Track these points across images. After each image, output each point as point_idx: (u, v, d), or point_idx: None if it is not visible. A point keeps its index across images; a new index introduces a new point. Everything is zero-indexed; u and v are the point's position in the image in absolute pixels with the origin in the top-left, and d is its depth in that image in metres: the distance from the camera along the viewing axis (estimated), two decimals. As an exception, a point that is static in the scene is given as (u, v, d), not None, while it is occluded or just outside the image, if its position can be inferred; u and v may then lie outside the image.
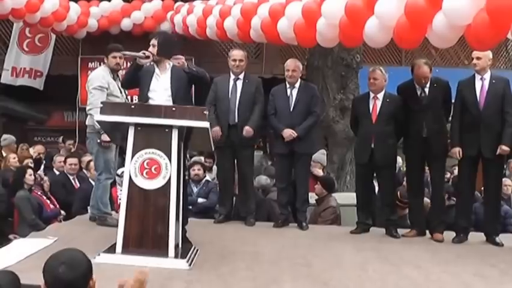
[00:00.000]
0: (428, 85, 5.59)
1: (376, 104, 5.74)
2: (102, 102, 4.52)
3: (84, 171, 7.39)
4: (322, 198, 6.46)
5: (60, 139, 10.54)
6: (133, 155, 4.20)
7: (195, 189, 6.79)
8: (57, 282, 2.25)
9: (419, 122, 5.55)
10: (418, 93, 5.60)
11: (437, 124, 5.57)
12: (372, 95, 5.80)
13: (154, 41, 4.76)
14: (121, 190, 6.23)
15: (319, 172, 6.99)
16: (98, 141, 5.49)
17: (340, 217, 6.35)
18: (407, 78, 5.82)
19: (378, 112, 5.71)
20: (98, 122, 4.58)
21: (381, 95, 5.76)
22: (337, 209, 6.35)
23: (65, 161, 7.35)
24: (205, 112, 4.22)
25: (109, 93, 5.51)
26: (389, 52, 11.81)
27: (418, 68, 5.58)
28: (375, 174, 5.98)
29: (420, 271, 4.31)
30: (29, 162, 7.37)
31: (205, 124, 4.20)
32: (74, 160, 7.28)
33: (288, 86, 6.02)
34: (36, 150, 8.76)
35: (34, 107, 12.46)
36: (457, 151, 5.42)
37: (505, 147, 5.26)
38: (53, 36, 11.02)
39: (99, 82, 5.51)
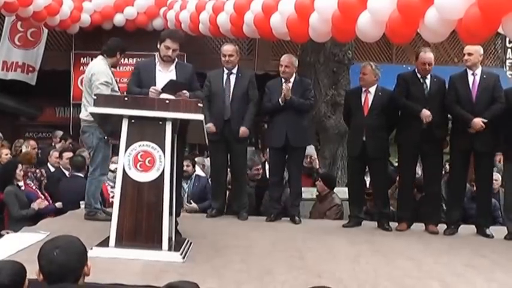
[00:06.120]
0: (429, 78, 5.64)
1: (367, 97, 5.79)
2: (95, 95, 4.52)
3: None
4: (325, 196, 6.48)
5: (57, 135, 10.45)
6: (127, 148, 4.20)
7: (185, 186, 6.64)
8: (51, 265, 2.26)
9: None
10: (421, 81, 5.63)
11: (437, 117, 5.58)
12: (363, 88, 5.84)
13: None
14: (111, 187, 6.27)
15: (317, 164, 7.04)
16: (105, 137, 5.42)
17: (343, 213, 6.36)
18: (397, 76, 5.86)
19: (369, 105, 5.76)
20: (90, 114, 4.58)
21: (372, 89, 5.80)
22: (341, 207, 6.38)
23: (60, 156, 7.32)
24: (199, 104, 4.23)
25: (111, 89, 5.49)
26: (380, 49, 11.86)
27: (423, 54, 5.62)
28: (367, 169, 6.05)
29: (413, 262, 4.37)
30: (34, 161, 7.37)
31: (200, 117, 4.21)
32: (70, 154, 7.26)
33: (283, 80, 6.02)
34: (30, 146, 8.70)
35: (26, 103, 12.37)
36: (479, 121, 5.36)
37: (478, 120, 5.32)
38: (45, 31, 10.96)
39: (106, 77, 5.46)
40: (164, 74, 4.93)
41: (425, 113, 5.47)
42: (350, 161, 6.16)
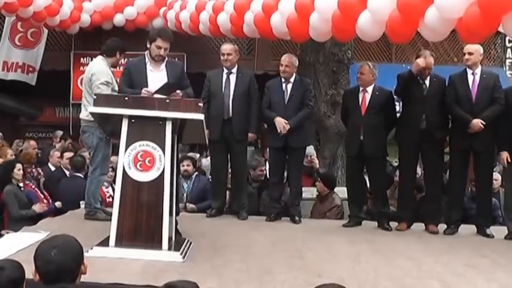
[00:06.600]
0: (428, 78, 5.63)
1: (365, 96, 5.79)
2: (95, 94, 4.52)
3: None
4: (325, 196, 6.47)
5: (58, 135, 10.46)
6: (127, 148, 4.20)
7: (185, 185, 6.68)
8: (48, 265, 2.26)
9: (418, 112, 5.57)
10: (420, 82, 5.62)
11: (437, 117, 5.59)
12: (361, 88, 5.85)
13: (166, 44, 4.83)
14: (106, 186, 6.26)
15: (316, 164, 7.08)
16: (106, 137, 5.40)
17: (343, 214, 6.36)
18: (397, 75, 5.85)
19: (367, 104, 5.77)
20: (90, 113, 4.58)
21: (370, 88, 5.81)
22: (342, 207, 6.37)
23: (61, 156, 7.33)
24: (199, 104, 4.23)
25: (112, 89, 5.49)
26: (379, 49, 11.85)
27: (424, 58, 5.58)
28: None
29: (413, 262, 4.36)
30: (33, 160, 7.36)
31: (200, 116, 4.21)
32: (71, 154, 7.27)
33: (283, 80, 6.02)
34: (30, 146, 8.71)
35: (25, 103, 12.39)
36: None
37: (477, 121, 5.32)
38: (45, 31, 10.97)
39: (106, 77, 5.46)
40: (155, 74, 4.92)
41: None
42: (348, 160, 6.18)
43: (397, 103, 6.13)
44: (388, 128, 5.90)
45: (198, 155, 8.15)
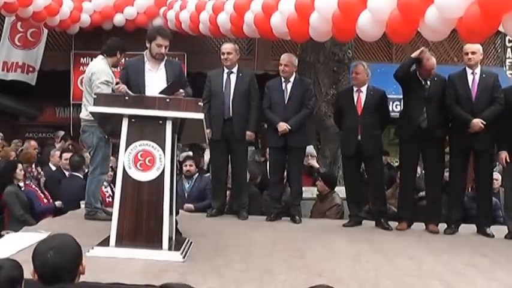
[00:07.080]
0: (429, 78, 5.63)
1: (360, 96, 5.82)
2: (95, 94, 4.52)
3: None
4: (325, 195, 6.48)
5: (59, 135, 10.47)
6: (127, 147, 4.19)
7: (186, 185, 6.73)
8: (46, 267, 2.25)
9: (419, 111, 5.57)
10: (423, 82, 5.62)
11: (438, 116, 5.59)
12: (355, 88, 5.87)
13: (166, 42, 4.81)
14: (104, 186, 6.27)
15: (315, 164, 7.06)
16: (105, 136, 5.41)
17: (343, 213, 6.37)
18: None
19: (362, 104, 5.78)
20: (90, 113, 4.58)
21: (364, 88, 5.83)
22: (342, 206, 6.38)
23: (60, 156, 7.34)
24: (199, 104, 4.23)
25: (112, 88, 5.48)
26: (379, 49, 11.86)
27: (427, 60, 5.56)
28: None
29: (413, 261, 4.36)
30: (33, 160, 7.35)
31: (200, 116, 4.21)
32: (70, 155, 7.27)
33: (283, 80, 6.03)
34: (31, 146, 8.71)
35: (26, 103, 12.40)
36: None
37: (477, 120, 5.32)
38: (45, 31, 10.97)
39: (106, 77, 5.47)
40: (154, 73, 4.87)
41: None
42: (345, 160, 6.14)
43: (397, 103, 6.14)
44: (382, 127, 5.91)
45: (190, 152, 8.15)
